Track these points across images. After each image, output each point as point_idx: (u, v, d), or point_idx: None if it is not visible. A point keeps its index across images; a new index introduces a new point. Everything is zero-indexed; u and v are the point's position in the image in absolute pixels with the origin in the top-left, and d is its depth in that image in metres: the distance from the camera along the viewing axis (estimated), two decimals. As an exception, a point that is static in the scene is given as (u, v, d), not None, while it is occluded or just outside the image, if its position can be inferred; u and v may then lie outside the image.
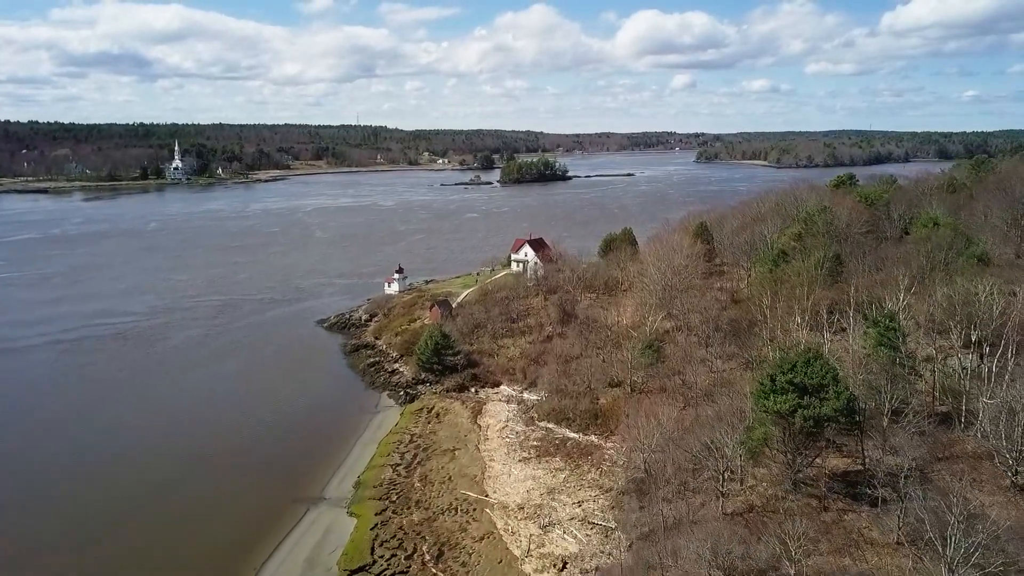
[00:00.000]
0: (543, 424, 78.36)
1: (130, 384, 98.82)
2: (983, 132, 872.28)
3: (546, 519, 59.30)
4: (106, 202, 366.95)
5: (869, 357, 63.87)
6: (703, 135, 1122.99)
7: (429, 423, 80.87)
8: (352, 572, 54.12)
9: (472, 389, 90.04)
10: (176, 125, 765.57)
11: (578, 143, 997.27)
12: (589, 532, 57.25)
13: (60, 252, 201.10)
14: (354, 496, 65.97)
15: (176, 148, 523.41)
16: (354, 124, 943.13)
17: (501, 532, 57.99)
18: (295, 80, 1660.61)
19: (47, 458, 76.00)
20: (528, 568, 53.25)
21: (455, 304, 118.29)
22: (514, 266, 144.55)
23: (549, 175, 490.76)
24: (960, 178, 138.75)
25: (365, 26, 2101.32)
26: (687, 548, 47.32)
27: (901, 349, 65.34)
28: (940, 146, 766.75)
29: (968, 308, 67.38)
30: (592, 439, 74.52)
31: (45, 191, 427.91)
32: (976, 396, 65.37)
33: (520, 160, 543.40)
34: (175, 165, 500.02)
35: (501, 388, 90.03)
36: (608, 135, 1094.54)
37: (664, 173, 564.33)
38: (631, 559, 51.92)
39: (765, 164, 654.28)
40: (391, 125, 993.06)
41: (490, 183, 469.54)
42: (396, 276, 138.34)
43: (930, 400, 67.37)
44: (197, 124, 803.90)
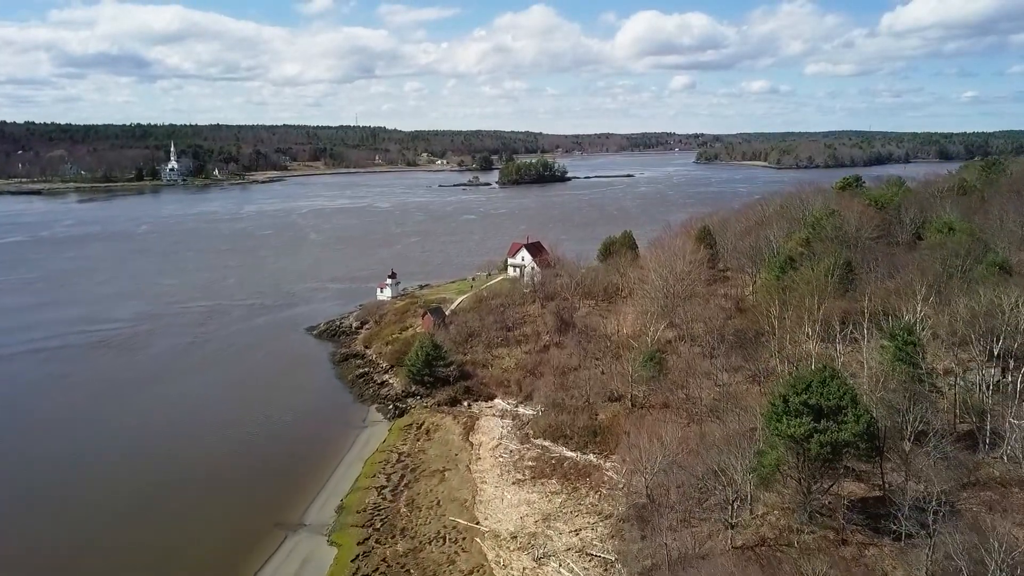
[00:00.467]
0: (539, 442, 74.04)
1: (108, 396, 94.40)
2: (984, 133, 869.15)
3: (541, 550, 55.01)
4: (100, 204, 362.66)
5: (888, 374, 59.51)
6: (703, 136, 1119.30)
7: (418, 440, 76.55)
8: (330, 611, 49.92)
9: (464, 403, 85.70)
10: (174, 126, 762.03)
11: (577, 144, 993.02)
12: (587, 565, 52.95)
13: (47, 255, 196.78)
14: (336, 522, 61.63)
15: (172, 149, 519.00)
16: (353, 125, 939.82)
17: (492, 565, 53.70)
18: (294, 81, 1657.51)
19: None
20: (521, 607, 49.05)
21: (448, 311, 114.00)
22: (511, 271, 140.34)
23: (548, 176, 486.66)
24: (970, 180, 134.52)
25: (364, 27, 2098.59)
26: (695, 590, 43.12)
27: (921, 366, 61.16)
28: (941, 147, 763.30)
29: (991, 320, 63.25)
30: (590, 458, 70.23)
31: (39, 192, 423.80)
32: (1000, 414, 61.39)
33: (519, 161, 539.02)
34: (171, 166, 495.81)
35: (495, 402, 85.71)
36: (607, 136, 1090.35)
37: (664, 174, 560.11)
38: (633, 598, 47.75)
39: (765, 165, 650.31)
40: (390, 126, 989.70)
41: (488, 184, 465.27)
42: (389, 281, 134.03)
43: (951, 417, 63.32)
44: (194, 125, 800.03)
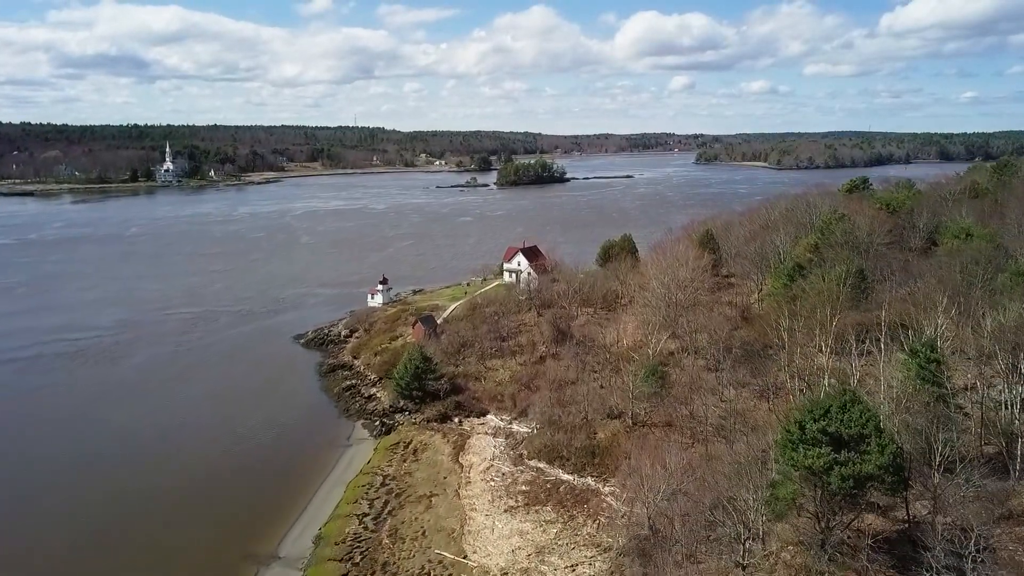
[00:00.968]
0: (533, 463, 69.36)
1: (80, 412, 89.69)
2: (984, 133, 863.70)
3: (533, 589, 50.42)
4: (93, 205, 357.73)
5: (910, 395, 54.86)
6: (702, 136, 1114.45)
7: (405, 461, 71.83)
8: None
9: (455, 419, 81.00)
10: (171, 126, 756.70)
11: (576, 144, 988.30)
12: (584, 608, 48.33)
13: (31, 259, 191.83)
14: (312, 555, 56.93)
15: (167, 150, 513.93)
16: (351, 126, 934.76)
17: (480, 606, 49.08)
18: (294, 82, 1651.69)
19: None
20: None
21: (441, 320, 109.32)
22: (506, 276, 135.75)
23: (547, 177, 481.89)
24: (982, 182, 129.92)
25: (364, 27, 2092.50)
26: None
27: (946, 385, 56.54)
28: (941, 147, 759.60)
29: (1021, 335, 58.63)
30: (588, 482, 65.57)
31: (31, 194, 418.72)
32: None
33: (517, 162, 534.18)
34: (166, 167, 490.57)
35: (488, 418, 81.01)
36: (607, 136, 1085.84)
37: (663, 175, 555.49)
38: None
39: (765, 166, 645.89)
40: (390, 127, 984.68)
41: (486, 185, 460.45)
42: (380, 287, 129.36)
43: (975, 439, 58.72)
44: (191, 125, 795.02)
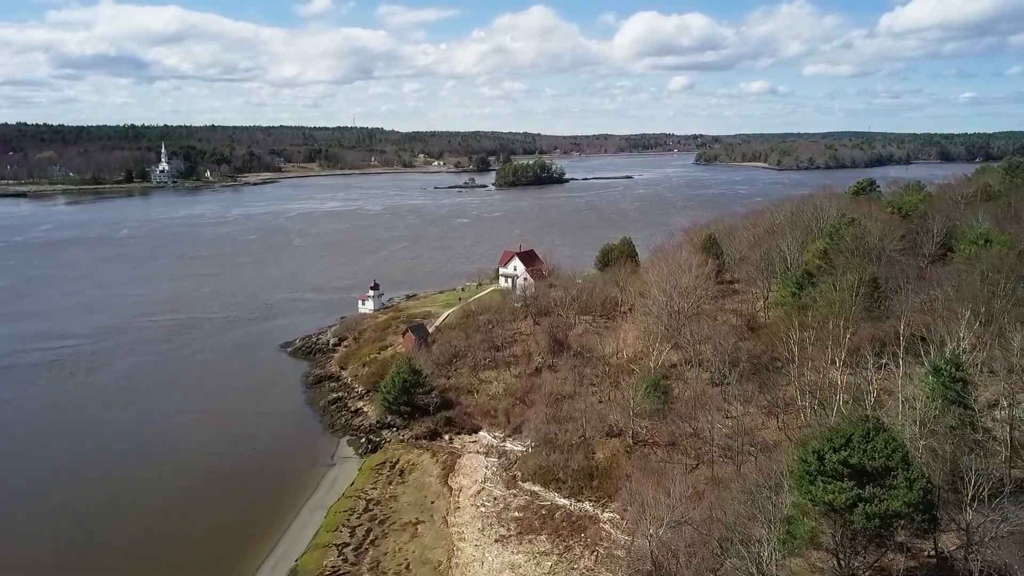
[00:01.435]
0: (527, 486, 64.93)
1: (52, 425, 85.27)
2: (985, 134, 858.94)
3: (525, 634, 45.98)
4: (85, 206, 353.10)
5: (935, 417, 50.49)
6: (701, 136, 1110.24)
7: (391, 483, 67.35)
8: None
9: (446, 436, 76.54)
10: (168, 127, 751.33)
11: (576, 145, 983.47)
12: (581, 656, 43.88)
13: (14, 263, 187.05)
14: (286, 592, 52.56)
15: (163, 150, 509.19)
16: (350, 126, 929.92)
17: (466, 654, 44.63)
18: (293, 82, 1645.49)
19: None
20: None
21: (432, 328, 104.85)
22: (502, 281, 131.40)
23: (545, 178, 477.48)
24: (994, 184, 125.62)
25: (363, 28, 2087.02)
26: None
27: (974, 407, 52.17)
28: (942, 148, 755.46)
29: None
30: (586, 507, 61.19)
31: (25, 195, 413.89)
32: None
33: (516, 162, 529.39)
34: (161, 168, 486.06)
35: (480, 435, 76.55)
36: (606, 137, 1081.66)
37: (663, 176, 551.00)
38: None
39: (766, 166, 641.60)
40: (389, 127, 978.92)
41: (485, 186, 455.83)
42: (371, 293, 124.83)
43: (1003, 463, 54.40)
44: (188, 126, 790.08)
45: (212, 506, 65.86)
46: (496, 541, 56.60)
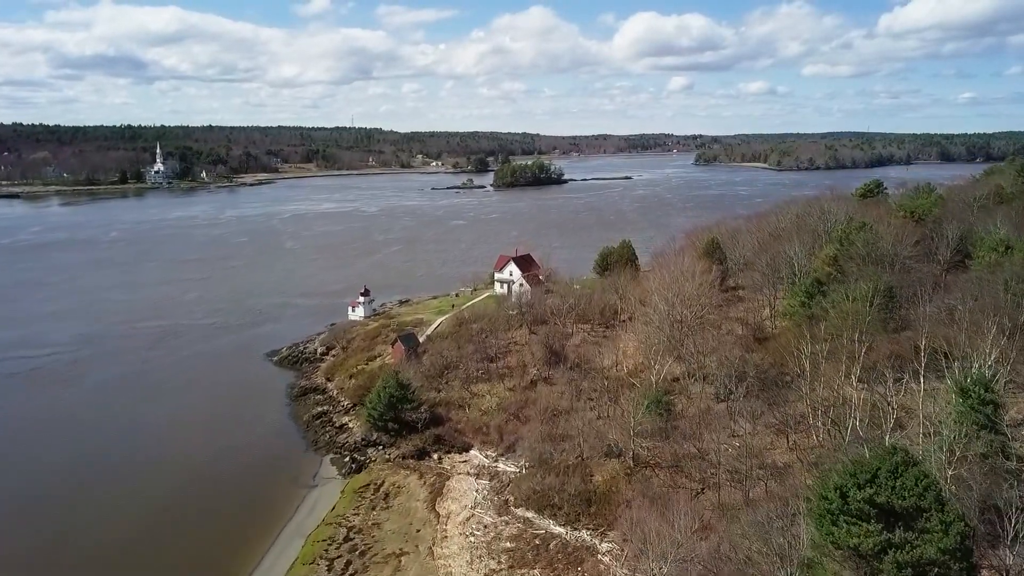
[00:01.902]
0: (520, 512, 60.55)
1: (22, 440, 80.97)
2: (985, 134, 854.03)
3: None
4: (78, 208, 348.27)
5: (964, 443, 46.09)
6: (701, 137, 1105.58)
7: (374, 508, 62.88)
8: None
9: (435, 455, 72.07)
10: (164, 127, 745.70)
11: (575, 145, 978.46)
12: None
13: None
14: (255, 635, 48.15)
15: (158, 151, 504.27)
16: (348, 126, 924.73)
17: None
18: (292, 82, 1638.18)
19: None
20: None
21: (424, 337, 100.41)
22: (497, 287, 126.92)
23: (544, 179, 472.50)
24: (1006, 186, 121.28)
25: (363, 28, 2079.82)
26: None
27: (1006, 432, 47.87)
28: (942, 148, 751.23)
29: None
30: (583, 536, 56.82)
31: (17, 196, 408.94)
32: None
33: (514, 163, 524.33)
34: (156, 169, 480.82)
35: (471, 454, 72.09)
36: (605, 137, 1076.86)
37: (662, 176, 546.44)
38: None
39: (766, 167, 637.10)
40: (388, 128, 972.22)
41: (483, 187, 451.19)
42: (361, 299, 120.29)
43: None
44: (186, 126, 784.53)
45: (183, 534, 61.40)
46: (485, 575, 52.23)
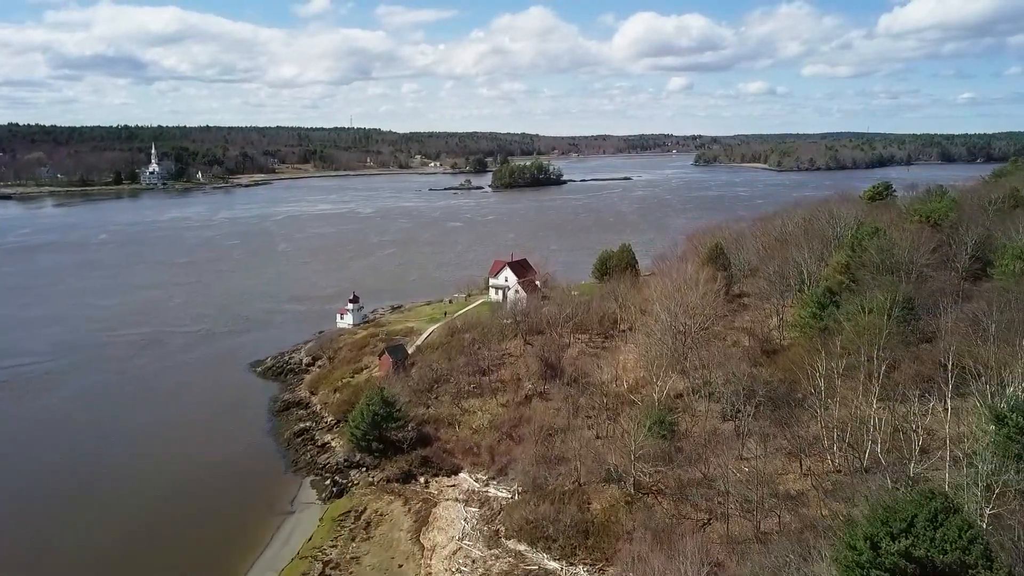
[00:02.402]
0: (511, 544, 55.86)
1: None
2: (985, 135, 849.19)
3: None
4: (70, 209, 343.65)
5: (1004, 481, 41.48)
6: (700, 137, 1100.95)
7: (354, 539, 58.18)
8: None
9: (421, 479, 67.34)
10: (161, 128, 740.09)
11: (574, 146, 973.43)
12: None
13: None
14: None
15: (153, 151, 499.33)
16: (347, 127, 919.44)
17: None
18: (292, 83, 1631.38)
19: None
20: None
21: (413, 348, 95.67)
22: (492, 293, 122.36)
23: (543, 179, 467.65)
24: (1021, 189, 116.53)
25: (362, 28, 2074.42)
26: None
27: (1049, 466, 43.23)
28: (942, 148, 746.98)
29: None
30: (580, 573, 52.20)
31: (10, 197, 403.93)
32: None
33: (513, 164, 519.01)
34: (151, 169, 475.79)
35: (460, 477, 67.37)
36: (605, 137, 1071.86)
37: (662, 177, 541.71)
38: None
39: (766, 167, 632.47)
40: (387, 128, 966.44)
41: (481, 188, 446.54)
42: (350, 307, 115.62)
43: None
44: (183, 127, 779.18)
45: (145, 570, 56.69)
46: (472, 620, 47.56)
